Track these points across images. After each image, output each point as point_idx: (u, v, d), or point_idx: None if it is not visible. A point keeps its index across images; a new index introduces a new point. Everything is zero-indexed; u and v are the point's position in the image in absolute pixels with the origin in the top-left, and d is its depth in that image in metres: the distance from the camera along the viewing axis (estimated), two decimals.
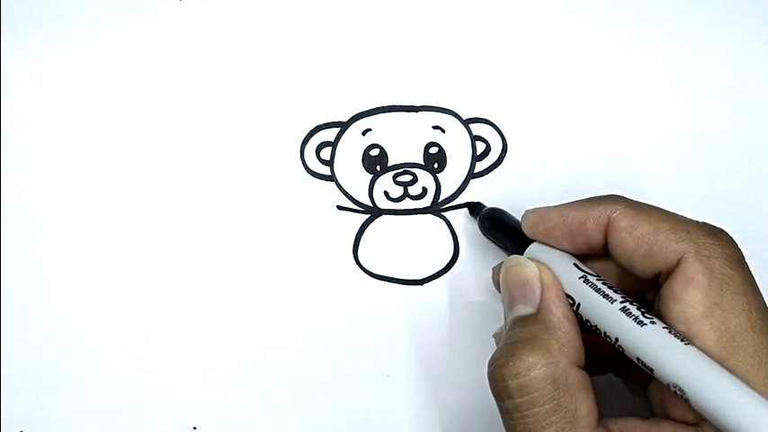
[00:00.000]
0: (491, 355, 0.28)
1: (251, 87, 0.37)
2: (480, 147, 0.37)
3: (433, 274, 0.37)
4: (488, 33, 0.38)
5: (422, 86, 0.37)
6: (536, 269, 0.29)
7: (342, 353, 0.36)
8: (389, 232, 0.37)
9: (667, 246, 0.26)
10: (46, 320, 0.37)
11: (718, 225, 0.28)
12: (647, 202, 0.29)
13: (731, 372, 0.24)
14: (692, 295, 0.25)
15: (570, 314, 0.28)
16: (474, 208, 0.36)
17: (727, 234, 0.27)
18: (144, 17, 0.38)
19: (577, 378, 0.26)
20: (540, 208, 0.30)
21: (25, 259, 0.37)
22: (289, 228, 0.37)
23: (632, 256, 0.27)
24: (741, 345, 0.24)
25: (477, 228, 0.36)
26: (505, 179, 0.37)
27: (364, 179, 0.37)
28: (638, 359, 0.26)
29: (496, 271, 0.32)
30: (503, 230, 0.33)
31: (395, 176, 0.37)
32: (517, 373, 0.26)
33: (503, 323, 0.31)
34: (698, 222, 0.27)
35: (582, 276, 0.28)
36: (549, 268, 0.29)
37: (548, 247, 0.30)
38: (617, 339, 0.26)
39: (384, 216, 0.37)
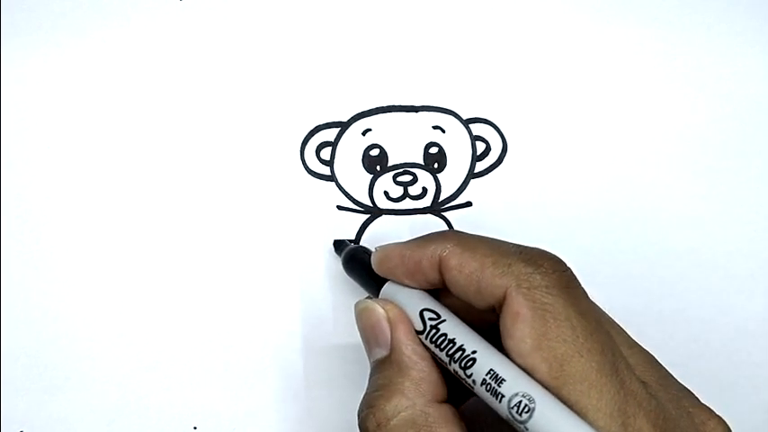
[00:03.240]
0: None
1: (251, 87, 0.37)
2: (480, 147, 0.37)
3: None
4: (488, 33, 0.37)
5: (422, 86, 0.37)
6: (382, 310, 0.29)
7: (342, 353, 0.36)
8: (389, 232, 0.37)
9: (492, 282, 0.26)
10: (46, 320, 0.37)
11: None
12: (479, 234, 0.28)
13: (564, 401, 0.24)
14: (520, 330, 0.25)
15: (421, 350, 0.28)
16: (338, 245, 0.36)
17: (551, 259, 0.27)
18: (144, 17, 0.38)
19: (438, 414, 0.26)
20: (385, 246, 0.30)
21: (25, 259, 0.37)
22: (289, 228, 0.37)
23: (466, 293, 0.27)
24: (570, 372, 0.24)
25: (477, 228, 0.36)
26: (506, 179, 0.37)
27: (364, 179, 0.37)
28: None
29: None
30: (363, 270, 0.32)
31: (395, 176, 0.37)
32: (378, 425, 0.26)
33: None
34: (521, 251, 0.27)
35: (424, 310, 0.28)
36: (397, 307, 0.29)
37: (398, 286, 0.30)
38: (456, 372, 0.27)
39: (384, 216, 0.37)
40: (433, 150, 0.37)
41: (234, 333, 0.37)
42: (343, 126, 0.37)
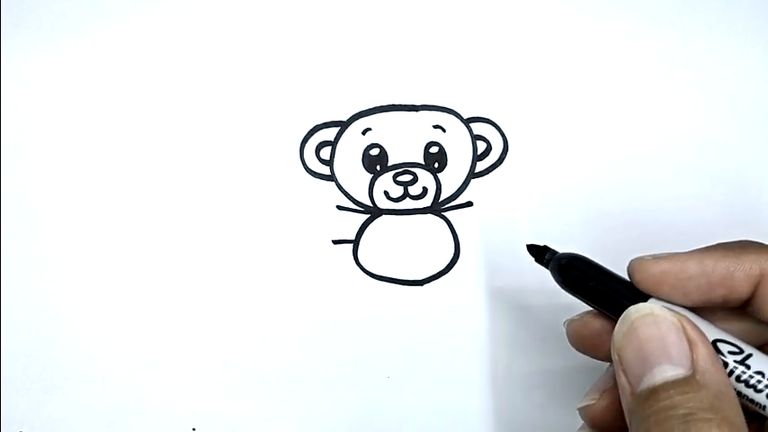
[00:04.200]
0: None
1: (250, 87, 0.37)
2: (481, 146, 0.37)
3: (434, 275, 0.37)
4: (489, 32, 0.37)
5: (422, 85, 0.37)
6: (676, 319, 0.24)
7: (341, 353, 0.36)
8: (389, 232, 0.37)
9: None
10: (46, 320, 0.37)
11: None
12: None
13: None
14: None
15: (727, 375, 0.24)
16: (540, 253, 0.30)
17: None
18: (144, 17, 0.38)
19: None
20: (661, 257, 0.26)
21: (25, 259, 0.37)
22: (288, 228, 0.37)
23: None
24: None
25: (477, 228, 0.36)
26: (506, 179, 0.37)
27: (364, 179, 0.37)
28: None
29: (581, 323, 0.29)
30: (595, 285, 0.28)
31: (395, 176, 0.37)
32: None
33: (598, 380, 0.28)
34: None
35: (719, 341, 0.25)
36: (690, 319, 0.25)
37: (668, 305, 0.26)
38: None
39: (384, 216, 0.37)
40: (434, 150, 0.37)
41: (233, 333, 0.37)
42: (343, 125, 0.37)
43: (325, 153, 0.37)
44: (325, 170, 0.37)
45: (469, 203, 0.37)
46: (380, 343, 0.36)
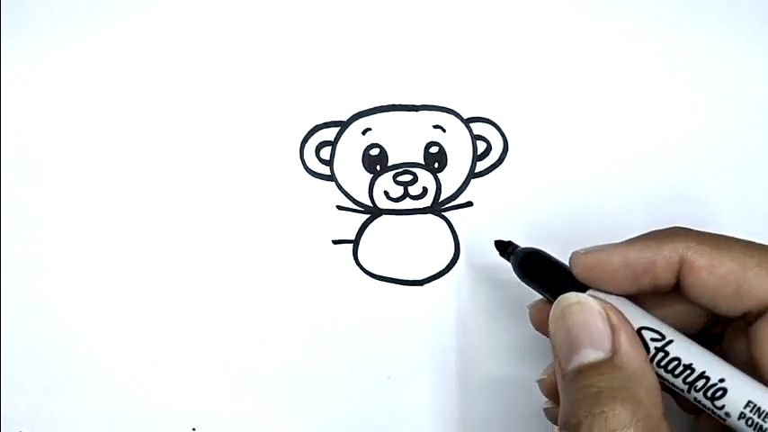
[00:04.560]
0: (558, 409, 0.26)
1: (250, 87, 0.37)
2: (481, 146, 0.37)
3: (434, 275, 0.37)
4: (489, 32, 0.37)
5: (422, 85, 0.37)
6: (600, 307, 0.26)
7: (342, 353, 0.36)
8: (389, 232, 0.37)
9: (759, 284, 0.24)
10: (46, 320, 0.37)
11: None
12: (714, 232, 0.26)
13: None
14: None
15: (647, 359, 0.25)
16: (504, 247, 0.32)
17: None
18: (144, 17, 0.38)
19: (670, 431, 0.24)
20: (592, 250, 0.28)
21: (25, 259, 0.37)
22: (288, 228, 0.37)
23: (715, 296, 0.25)
24: None
25: (477, 228, 0.36)
26: (506, 179, 0.37)
27: (364, 179, 0.37)
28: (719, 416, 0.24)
29: (536, 309, 0.31)
30: (547, 276, 0.30)
31: (395, 176, 0.37)
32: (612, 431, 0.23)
33: (550, 362, 0.30)
34: None
35: (643, 329, 0.26)
36: (614, 307, 0.26)
37: (603, 295, 0.27)
38: (697, 400, 0.25)
39: (384, 216, 0.37)
40: (434, 150, 0.37)
41: (233, 333, 0.37)
42: (343, 125, 0.37)
43: (325, 153, 0.37)
44: (326, 170, 0.37)
45: (469, 203, 0.37)
46: (380, 343, 0.36)
